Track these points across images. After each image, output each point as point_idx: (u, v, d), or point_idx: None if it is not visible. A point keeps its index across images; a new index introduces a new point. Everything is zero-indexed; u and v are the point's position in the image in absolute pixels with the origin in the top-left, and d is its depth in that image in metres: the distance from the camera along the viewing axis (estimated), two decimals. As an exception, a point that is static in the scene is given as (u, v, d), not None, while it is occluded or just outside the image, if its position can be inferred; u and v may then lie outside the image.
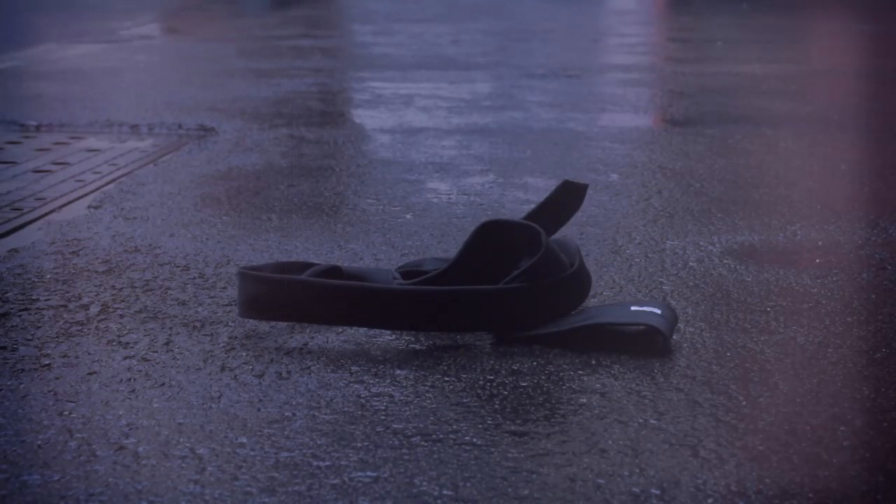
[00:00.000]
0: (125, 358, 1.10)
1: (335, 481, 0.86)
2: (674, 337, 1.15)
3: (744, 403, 0.99)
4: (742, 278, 1.35)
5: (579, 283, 1.18)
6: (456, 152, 2.15)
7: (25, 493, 0.84)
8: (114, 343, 1.14)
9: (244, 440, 0.92)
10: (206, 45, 4.24)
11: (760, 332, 1.17)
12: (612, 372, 1.07)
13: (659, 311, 1.14)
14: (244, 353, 1.11)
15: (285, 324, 1.19)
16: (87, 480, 0.86)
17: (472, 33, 4.72)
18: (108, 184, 1.87)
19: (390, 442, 0.92)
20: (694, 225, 1.59)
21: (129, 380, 1.05)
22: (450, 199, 1.77)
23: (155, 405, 0.99)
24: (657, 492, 0.84)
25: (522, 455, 0.90)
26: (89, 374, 1.06)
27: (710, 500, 0.83)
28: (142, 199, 1.75)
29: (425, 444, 0.92)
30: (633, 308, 1.16)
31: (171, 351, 1.12)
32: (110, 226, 1.59)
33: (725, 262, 1.42)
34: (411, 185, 1.87)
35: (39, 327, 1.18)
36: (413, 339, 1.15)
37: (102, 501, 0.83)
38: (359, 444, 0.92)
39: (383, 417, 0.97)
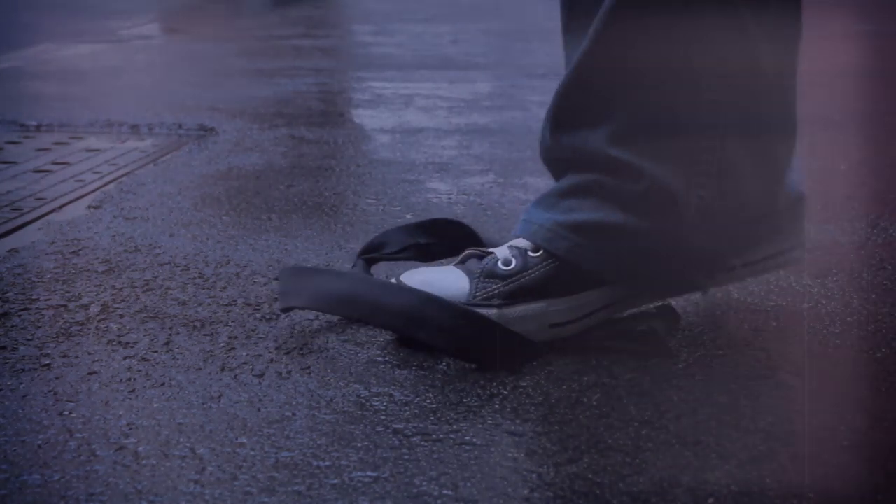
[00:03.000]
0: (125, 358, 1.10)
1: (335, 481, 0.86)
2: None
3: (744, 403, 0.99)
4: (742, 278, 1.35)
5: None
6: (456, 152, 2.15)
7: (25, 493, 0.84)
8: (114, 343, 1.14)
9: (244, 440, 0.92)
10: (206, 45, 4.24)
11: (760, 331, 1.17)
12: (612, 372, 1.07)
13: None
14: (244, 353, 1.11)
15: (286, 324, 1.19)
16: (87, 480, 0.86)
17: (472, 33, 4.72)
18: (108, 184, 1.87)
19: (390, 442, 0.92)
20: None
21: (129, 380, 1.05)
22: (450, 199, 1.77)
23: (155, 405, 0.99)
24: (657, 492, 0.84)
25: (522, 455, 0.90)
26: (89, 374, 1.06)
27: (710, 500, 0.83)
28: (142, 199, 1.75)
29: (425, 444, 0.92)
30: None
31: (171, 351, 1.12)
32: (110, 226, 1.59)
33: (725, 262, 1.42)
34: (411, 185, 1.87)
35: (39, 327, 1.18)
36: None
37: (102, 501, 0.83)
38: (359, 444, 0.92)
39: (383, 417, 0.97)
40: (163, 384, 1.04)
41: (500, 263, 1.14)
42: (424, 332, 1.08)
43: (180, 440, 0.92)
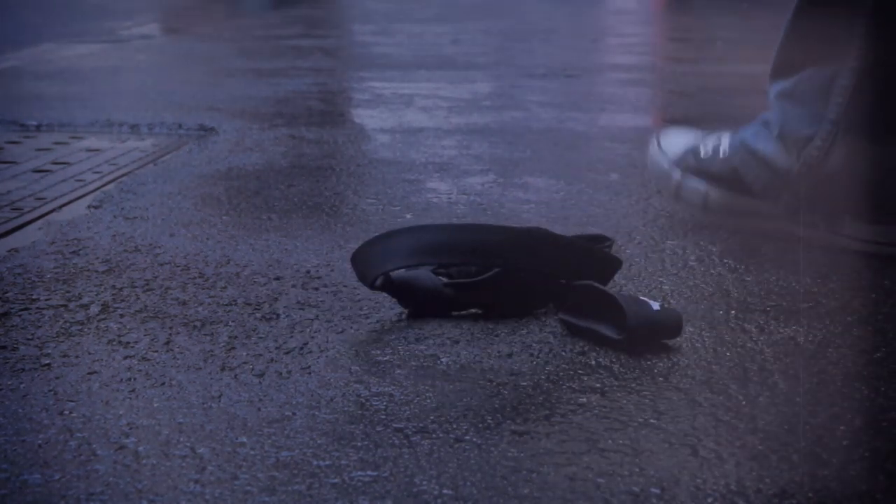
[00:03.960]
0: (125, 358, 1.10)
1: (335, 481, 0.86)
2: (675, 339, 1.15)
3: (743, 403, 0.99)
4: (742, 278, 1.35)
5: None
6: (456, 152, 2.15)
7: (25, 492, 0.84)
8: (114, 343, 1.14)
9: (244, 440, 0.92)
10: (206, 44, 4.24)
11: (760, 331, 1.17)
12: (612, 372, 1.07)
13: (657, 307, 1.13)
14: (244, 353, 1.11)
15: (285, 324, 1.19)
16: (87, 480, 0.86)
17: (472, 33, 4.72)
18: (108, 183, 1.87)
19: (390, 441, 0.92)
20: (694, 224, 1.59)
21: (129, 379, 1.05)
22: (450, 198, 1.77)
23: (155, 405, 0.99)
24: (657, 491, 0.84)
25: (522, 455, 0.90)
26: (89, 373, 1.06)
27: (709, 500, 0.83)
28: (142, 199, 1.75)
29: (425, 443, 0.92)
30: (641, 297, 1.17)
31: (171, 351, 1.12)
32: (110, 226, 1.59)
33: (725, 261, 1.42)
34: (411, 185, 1.87)
35: (39, 327, 1.19)
36: (413, 338, 1.15)
37: (102, 501, 0.83)
38: (359, 444, 0.92)
39: (383, 417, 0.97)
40: (163, 384, 1.04)
41: (702, 150, 1.56)
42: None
43: (180, 440, 0.92)
